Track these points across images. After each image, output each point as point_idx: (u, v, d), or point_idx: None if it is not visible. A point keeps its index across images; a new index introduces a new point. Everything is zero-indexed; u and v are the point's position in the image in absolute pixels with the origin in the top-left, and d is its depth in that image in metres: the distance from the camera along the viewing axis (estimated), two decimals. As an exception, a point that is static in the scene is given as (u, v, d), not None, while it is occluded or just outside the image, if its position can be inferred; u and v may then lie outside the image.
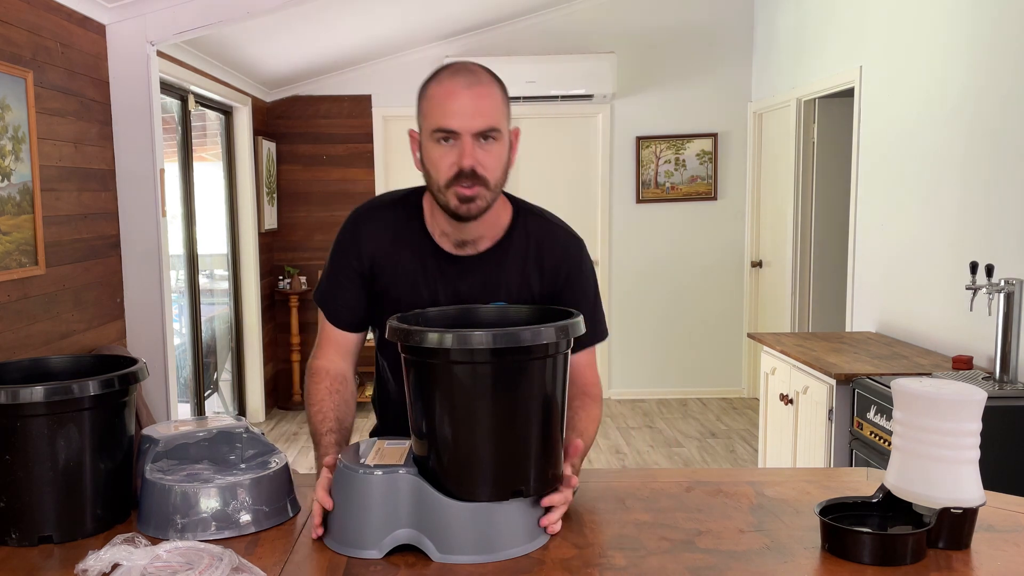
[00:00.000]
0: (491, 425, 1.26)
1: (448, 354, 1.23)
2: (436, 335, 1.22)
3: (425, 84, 1.49)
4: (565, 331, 1.26)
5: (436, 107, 1.44)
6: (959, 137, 3.38)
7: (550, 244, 1.58)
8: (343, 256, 1.62)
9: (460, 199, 1.44)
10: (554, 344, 1.26)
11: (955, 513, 1.24)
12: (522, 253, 1.57)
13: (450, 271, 1.55)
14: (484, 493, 1.26)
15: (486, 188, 1.45)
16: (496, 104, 1.45)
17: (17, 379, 1.48)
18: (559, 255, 1.58)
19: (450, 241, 1.55)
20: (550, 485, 1.32)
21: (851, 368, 3.17)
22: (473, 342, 1.22)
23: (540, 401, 1.28)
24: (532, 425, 1.28)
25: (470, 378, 1.25)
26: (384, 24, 5.15)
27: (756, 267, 5.97)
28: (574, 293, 1.58)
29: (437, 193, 1.48)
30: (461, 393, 1.25)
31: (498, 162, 1.46)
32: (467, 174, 1.42)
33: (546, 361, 1.27)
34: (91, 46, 3.41)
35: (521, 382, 1.27)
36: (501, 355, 1.23)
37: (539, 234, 1.58)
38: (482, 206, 1.46)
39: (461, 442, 1.27)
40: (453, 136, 1.43)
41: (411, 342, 1.25)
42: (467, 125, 1.42)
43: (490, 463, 1.27)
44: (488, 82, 1.46)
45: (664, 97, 6.02)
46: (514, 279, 1.56)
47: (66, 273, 3.17)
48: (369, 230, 1.60)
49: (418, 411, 1.30)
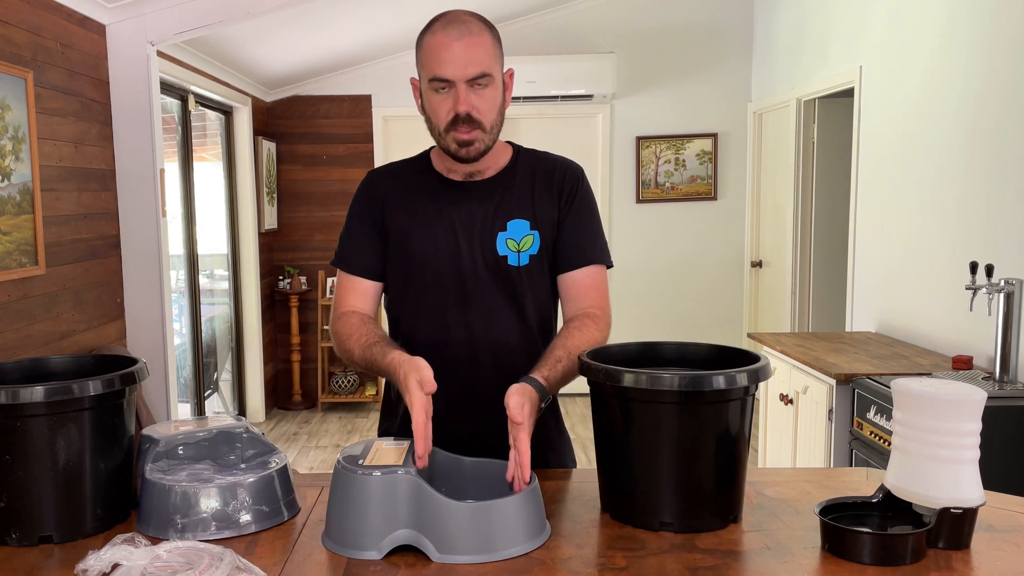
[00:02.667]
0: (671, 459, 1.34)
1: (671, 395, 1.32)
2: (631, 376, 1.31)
3: (421, 34, 1.58)
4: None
5: (431, 57, 1.54)
6: (959, 137, 3.38)
7: (551, 166, 1.68)
8: (357, 208, 1.69)
9: (459, 143, 1.55)
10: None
11: (955, 513, 1.24)
12: (529, 175, 1.66)
13: (461, 197, 1.63)
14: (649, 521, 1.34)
15: (482, 131, 1.55)
16: (487, 51, 1.53)
17: (17, 379, 1.48)
18: (561, 175, 1.67)
19: (458, 175, 1.65)
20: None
21: (851, 368, 3.17)
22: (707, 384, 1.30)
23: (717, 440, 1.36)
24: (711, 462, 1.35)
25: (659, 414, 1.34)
26: (384, 24, 5.15)
27: (756, 267, 5.97)
28: (580, 214, 1.66)
29: (438, 138, 1.59)
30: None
31: (492, 104, 1.55)
32: (463, 119, 1.53)
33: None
34: (91, 46, 3.41)
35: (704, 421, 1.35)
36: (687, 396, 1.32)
37: (541, 160, 1.70)
38: (480, 148, 1.57)
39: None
40: (448, 84, 1.52)
41: (605, 380, 1.34)
42: (460, 73, 1.51)
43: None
44: (479, 30, 1.54)
45: (664, 97, 6.02)
46: (525, 197, 1.64)
47: (66, 273, 3.17)
48: (381, 180, 1.70)
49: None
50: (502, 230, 1.62)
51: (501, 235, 1.61)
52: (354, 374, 6.11)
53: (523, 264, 1.62)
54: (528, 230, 1.62)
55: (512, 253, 1.61)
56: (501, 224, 1.61)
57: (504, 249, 1.61)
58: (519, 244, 1.62)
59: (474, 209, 1.62)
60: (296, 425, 5.77)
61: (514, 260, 1.61)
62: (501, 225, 1.61)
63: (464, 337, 1.61)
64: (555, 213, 1.64)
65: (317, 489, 1.54)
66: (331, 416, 5.99)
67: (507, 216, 1.62)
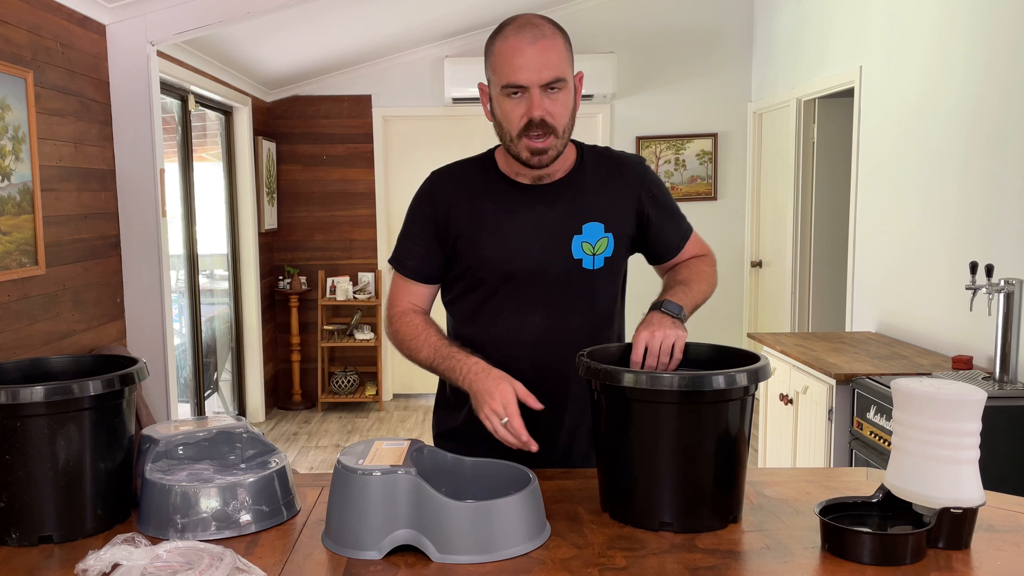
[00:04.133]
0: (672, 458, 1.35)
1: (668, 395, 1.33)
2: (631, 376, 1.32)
3: (491, 39, 1.56)
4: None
5: (504, 63, 1.51)
6: (959, 137, 3.38)
7: (619, 164, 1.69)
8: (418, 209, 1.68)
9: (532, 151, 1.54)
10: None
11: (955, 513, 1.24)
12: (599, 175, 1.66)
13: (531, 200, 1.62)
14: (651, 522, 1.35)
15: (555, 136, 1.53)
16: (560, 55, 1.52)
17: (17, 379, 1.48)
18: (632, 174, 1.68)
19: (526, 178, 1.63)
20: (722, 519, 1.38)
21: (851, 368, 3.17)
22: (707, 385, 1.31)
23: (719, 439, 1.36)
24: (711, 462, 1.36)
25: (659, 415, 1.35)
26: (384, 24, 5.15)
27: (756, 267, 5.96)
28: (660, 204, 1.70)
29: (509, 144, 1.56)
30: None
31: (565, 109, 1.54)
32: (537, 123, 1.51)
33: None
34: (91, 46, 3.41)
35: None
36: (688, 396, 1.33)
37: (608, 159, 1.70)
38: (553, 156, 1.56)
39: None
40: (522, 90, 1.51)
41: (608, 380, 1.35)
42: (534, 78, 1.49)
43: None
44: (552, 34, 1.53)
45: (664, 97, 6.02)
46: (599, 198, 1.64)
47: (66, 273, 3.17)
48: (445, 182, 1.68)
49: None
50: (577, 233, 1.61)
51: (576, 238, 1.61)
52: (354, 374, 6.11)
53: (598, 267, 1.63)
54: (603, 232, 1.62)
55: (587, 256, 1.62)
56: (576, 227, 1.61)
57: (579, 252, 1.61)
58: (594, 247, 1.62)
59: (546, 212, 1.61)
60: (296, 425, 5.77)
61: (589, 263, 1.62)
62: (576, 228, 1.61)
63: (534, 338, 1.62)
64: (632, 214, 1.67)
65: (317, 489, 1.54)
66: (331, 416, 5.99)
67: (581, 219, 1.62)
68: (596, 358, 1.43)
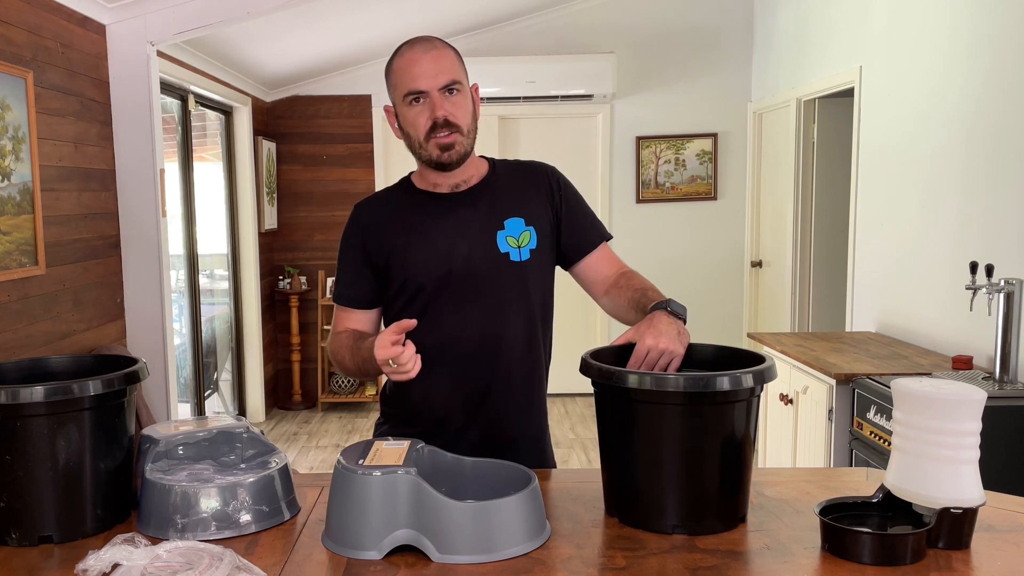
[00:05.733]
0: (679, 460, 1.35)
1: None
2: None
3: (389, 62, 1.67)
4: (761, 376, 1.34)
5: (403, 74, 1.63)
6: (959, 137, 3.38)
7: (530, 169, 1.79)
8: (346, 241, 1.76)
9: (441, 148, 1.63)
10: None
11: (955, 513, 1.24)
12: (511, 179, 1.76)
13: (452, 206, 1.71)
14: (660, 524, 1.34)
15: (460, 134, 1.63)
16: (453, 62, 1.64)
17: (17, 379, 1.48)
18: (542, 177, 1.77)
19: (444, 188, 1.72)
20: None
21: (851, 368, 3.17)
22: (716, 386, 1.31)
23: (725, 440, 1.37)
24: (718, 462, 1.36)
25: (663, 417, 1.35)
26: (384, 24, 5.15)
27: (756, 267, 5.96)
28: (572, 206, 1.77)
29: (419, 150, 1.66)
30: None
31: (465, 111, 1.64)
32: (441, 123, 1.61)
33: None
34: (91, 46, 3.41)
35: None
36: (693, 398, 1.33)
37: (518, 166, 1.80)
38: (461, 152, 1.64)
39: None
40: (423, 95, 1.61)
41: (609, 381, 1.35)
42: (432, 83, 1.61)
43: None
44: (442, 46, 1.65)
45: (664, 97, 6.02)
46: (515, 198, 1.73)
47: (66, 273, 3.17)
48: (370, 209, 1.76)
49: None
50: (500, 228, 1.69)
51: (500, 233, 1.69)
52: (354, 374, 6.11)
53: (525, 259, 1.70)
54: (524, 226, 1.71)
55: (513, 249, 1.69)
56: (499, 223, 1.69)
57: (505, 246, 1.69)
58: (519, 240, 1.70)
59: (469, 213, 1.70)
60: (296, 425, 5.77)
61: (516, 255, 1.69)
62: (499, 224, 1.69)
63: (476, 334, 1.68)
64: (547, 211, 1.74)
65: (317, 489, 1.54)
66: (331, 416, 5.99)
67: (503, 215, 1.70)
68: (597, 359, 1.43)
